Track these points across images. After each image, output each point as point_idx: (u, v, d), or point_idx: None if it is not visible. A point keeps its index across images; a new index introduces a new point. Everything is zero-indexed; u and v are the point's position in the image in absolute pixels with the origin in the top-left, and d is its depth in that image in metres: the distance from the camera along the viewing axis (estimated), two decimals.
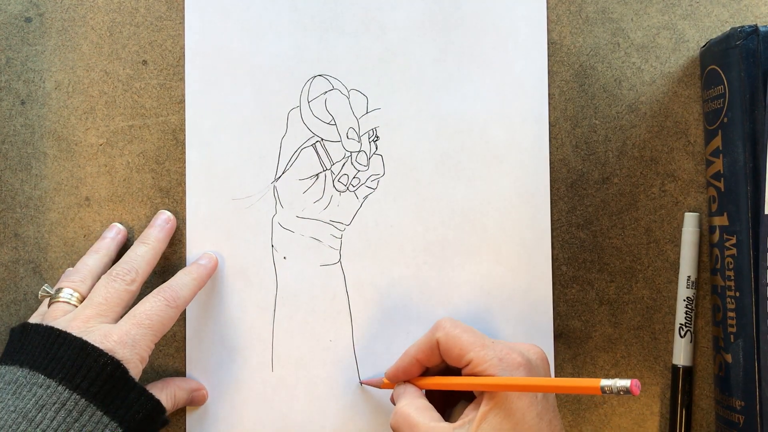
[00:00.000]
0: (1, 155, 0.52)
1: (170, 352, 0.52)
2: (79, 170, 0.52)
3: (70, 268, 0.51)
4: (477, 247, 0.52)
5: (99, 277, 0.48)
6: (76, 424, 0.41)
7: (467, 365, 0.44)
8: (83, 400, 0.42)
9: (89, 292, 0.47)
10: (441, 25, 0.52)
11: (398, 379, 0.48)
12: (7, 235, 0.52)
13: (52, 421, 0.41)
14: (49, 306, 0.47)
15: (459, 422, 0.43)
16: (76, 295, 0.47)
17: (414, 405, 0.44)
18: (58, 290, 0.47)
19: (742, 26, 0.47)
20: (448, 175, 0.52)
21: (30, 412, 0.41)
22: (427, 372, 0.47)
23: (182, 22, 0.52)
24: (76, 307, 0.46)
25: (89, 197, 0.52)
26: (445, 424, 0.43)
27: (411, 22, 0.52)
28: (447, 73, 0.52)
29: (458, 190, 0.52)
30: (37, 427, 0.40)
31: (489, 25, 0.52)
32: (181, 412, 0.51)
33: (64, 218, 0.52)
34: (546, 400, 0.43)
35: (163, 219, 0.51)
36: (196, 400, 0.50)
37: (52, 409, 0.41)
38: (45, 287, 0.49)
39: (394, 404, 0.47)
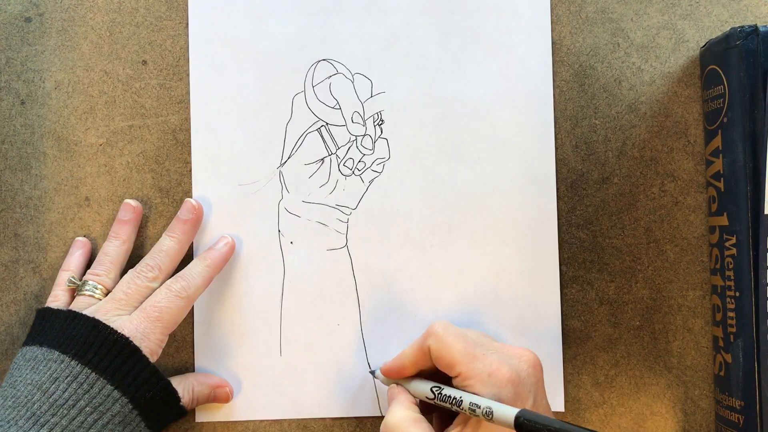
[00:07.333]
0: (1, 155, 0.52)
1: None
2: (79, 170, 0.52)
3: (79, 238, 0.51)
4: (483, 229, 0.52)
5: (120, 265, 0.50)
6: (86, 396, 0.44)
7: (456, 377, 0.44)
8: (93, 373, 0.44)
9: (113, 283, 0.49)
10: (444, 8, 0.52)
11: (391, 376, 0.48)
12: (7, 235, 0.52)
13: (64, 392, 0.43)
14: (74, 297, 0.49)
15: None
16: (100, 288, 0.48)
17: (404, 416, 0.44)
18: (84, 282, 0.49)
19: (742, 26, 0.47)
20: (454, 158, 0.52)
21: (44, 384, 0.44)
22: (421, 372, 0.47)
23: (182, 22, 0.52)
24: (100, 300, 0.48)
25: (89, 197, 0.52)
26: None
27: (414, 6, 0.52)
28: (451, 56, 0.52)
29: (463, 173, 0.52)
30: (50, 397, 0.43)
31: (491, 7, 0.52)
32: None
33: (64, 218, 0.52)
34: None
35: (188, 209, 0.50)
36: (219, 397, 0.50)
37: (65, 381, 0.44)
38: (72, 277, 0.49)
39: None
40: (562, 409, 0.51)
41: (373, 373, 0.51)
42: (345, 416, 0.52)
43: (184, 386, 0.49)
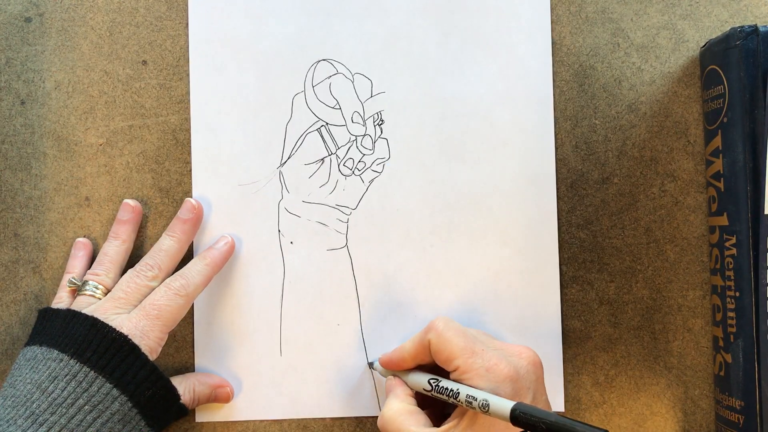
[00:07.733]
0: (1, 155, 0.52)
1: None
2: (79, 170, 0.52)
3: (80, 239, 0.51)
4: (483, 229, 0.52)
5: (120, 264, 0.50)
6: (85, 394, 0.44)
7: (454, 371, 0.44)
8: (92, 372, 0.44)
9: (113, 283, 0.49)
10: (444, 8, 0.52)
11: (390, 368, 0.48)
12: (7, 235, 0.52)
13: (62, 391, 0.43)
14: (75, 297, 0.49)
15: (443, 428, 0.43)
16: (101, 288, 0.49)
17: (401, 409, 0.45)
18: (84, 282, 0.49)
19: (742, 26, 0.47)
20: (453, 158, 0.52)
21: (44, 383, 0.44)
22: (420, 367, 0.48)
23: (182, 22, 0.52)
24: (100, 299, 0.48)
25: (89, 197, 0.52)
26: (431, 430, 0.43)
27: (414, 6, 0.52)
28: (451, 56, 0.52)
29: (463, 173, 0.52)
30: (49, 396, 0.43)
31: (491, 7, 0.52)
32: None
33: (64, 218, 0.52)
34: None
35: (188, 209, 0.51)
36: (220, 397, 0.50)
37: (64, 380, 0.44)
38: (72, 278, 0.50)
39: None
40: (562, 409, 0.51)
41: (371, 365, 0.51)
42: (345, 416, 0.52)
43: (185, 386, 0.49)
